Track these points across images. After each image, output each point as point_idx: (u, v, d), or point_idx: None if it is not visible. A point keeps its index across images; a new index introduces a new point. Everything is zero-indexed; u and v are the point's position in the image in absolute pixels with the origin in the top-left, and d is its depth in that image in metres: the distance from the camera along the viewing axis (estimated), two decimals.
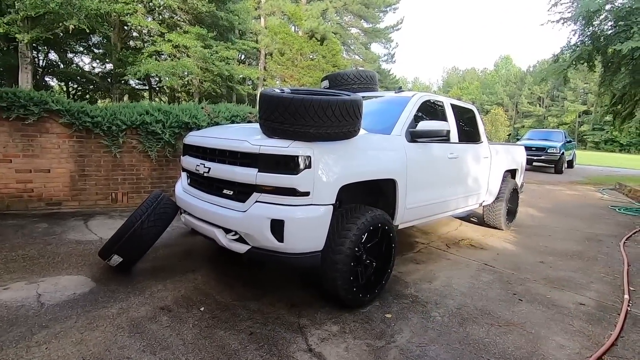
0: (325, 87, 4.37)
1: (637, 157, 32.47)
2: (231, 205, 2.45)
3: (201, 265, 3.29)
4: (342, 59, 22.16)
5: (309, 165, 2.25)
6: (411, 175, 3.03)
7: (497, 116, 40.45)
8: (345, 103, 2.26)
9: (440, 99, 3.90)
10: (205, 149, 2.74)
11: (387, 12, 26.94)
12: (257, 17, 24.40)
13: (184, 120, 5.09)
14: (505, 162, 4.95)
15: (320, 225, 2.32)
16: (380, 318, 2.52)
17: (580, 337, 2.39)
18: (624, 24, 8.25)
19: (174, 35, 15.20)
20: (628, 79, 8.20)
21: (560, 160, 13.25)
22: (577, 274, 3.52)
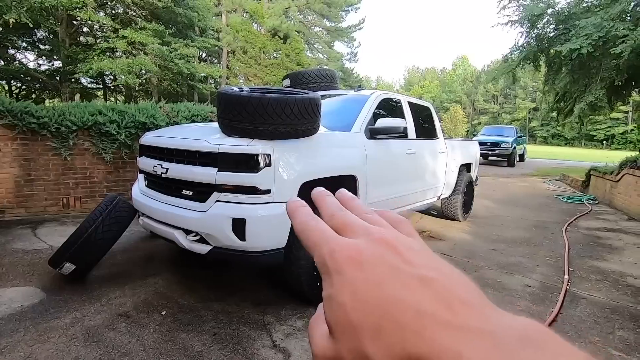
0: (286, 86, 4.38)
1: (580, 150, 35.34)
2: (191, 206, 2.41)
3: (162, 269, 3.20)
4: (306, 58, 22.19)
5: (269, 163, 2.27)
6: (371, 171, 3.13)
7: (456, 113, 42.35)
8: (303, 101, 2.30)
9: (398, 97, 4.05)
10: (163, 149, 2.67)
11: (349, 12, 27.30)
12: (218, 14, 23.82)
13: (141, 120, 4.89)
14: (461, 157, 5.22)
15: (282, 222, 2.34)
16: None
17: (525, 315, 2.58)
18: (563, 27, 8.94)
19: (128, 32, 14.50)
20: (568, 78, 8.91)
21: (512, 154, 14.14)
22: (525, 258, 3.80)
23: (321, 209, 0.29)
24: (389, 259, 0.23)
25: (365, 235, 0.25)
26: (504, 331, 0.19)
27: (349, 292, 0.22)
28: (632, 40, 6.87)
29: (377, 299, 0.21)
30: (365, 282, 0.22)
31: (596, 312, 2.68)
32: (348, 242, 0.24)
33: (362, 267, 0.22)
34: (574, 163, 16.65)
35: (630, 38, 6.94)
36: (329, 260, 0.23)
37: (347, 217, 0.27)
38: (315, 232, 0.26)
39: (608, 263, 3.74)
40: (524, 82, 49.72)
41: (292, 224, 0.28)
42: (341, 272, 0.22)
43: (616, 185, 6.66)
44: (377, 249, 0.23)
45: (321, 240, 0.25)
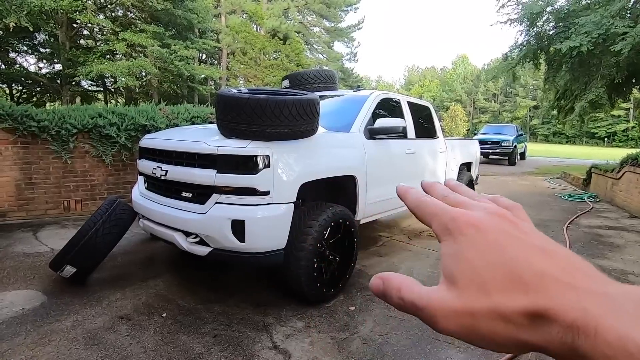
0: (285, 87, 4.39)
1: (581, 148, 35.25)
2: (190, 208, 2.42)
3: (163, 271, 3.21)
4: (305, 58, 22.20)
5: (268, 164, 2.27)
6: (370, 171, 3.13)
7: (456, 112, 42.32)
8: (301, 102, 2.30)
9: (397, 97, 4.05)
10: (162, 152, 2.68)
11: (348, 12, 27.30)
12: (217, 15, 23.84)
13: (140, 122, 4.90)
14: (461, 156, 5.22)
15: (282, 223, 2.35)
16: (344, 311, 2.59)
17: None
18: (563, 24, 8.91)
19: (128, 34, 14.54)
20: (568, 76, 8.89)
21: (513, 152, 14.11)
22: None
23: (433, 192, 0.32)
24: (509, 229, 0.25)
25: (482, 209, 0.27)
26: (623, 295, 0.21)
27: (475, 250, 0.24)
28: (631, 38, 6.85)
29: (503, 258, 0.23)
30: (489, 245, 0.24)
31: None
32: (467, 212, 0.27)
33: (484, 232, 0.25)
34: (575, 161, 16.61)
35: (630, 35, 6.92)
36: (451, 224, 0.26)
37: (460, 197, 0.30)
38: (432, 205, 0.28)
39: (609, 261, 3.73)
40: (525, 81, 49.62)
41: (405, 203, 0.30)
42: (465, 234, 0.25)
43: (617, 182, 6.64)
44: (496, 220, 0.26)
45: (440, 210, 0.27)
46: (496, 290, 0.23)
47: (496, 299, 0.23)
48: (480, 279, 0.24)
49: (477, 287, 0.23)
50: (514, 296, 0.22)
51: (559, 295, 0.21)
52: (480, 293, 0.23)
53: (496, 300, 0.23)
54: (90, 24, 15.01)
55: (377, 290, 0.28)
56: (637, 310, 0.20)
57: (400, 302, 0.27)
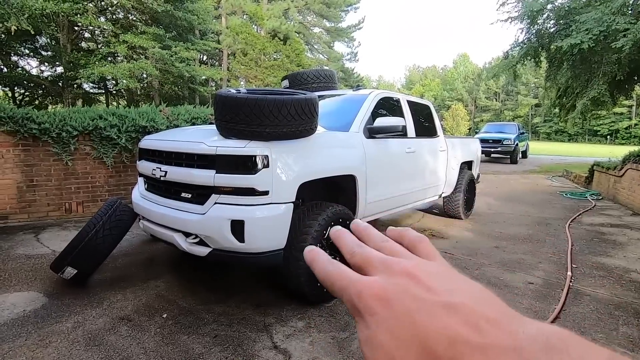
0: (285, 87, 4.39)
1: (584, 146, 35.10)
2: (190, 208, 2.42)
3: (164, 271, 3.21)
4: (306, 58, 22.20)
5: (267, 164, 2.27)
6: (370, 170, 3.12)
7: (458, 111, 42.18)
8: (299, 102, 2.30)
9: (397, 96, 4.04)
10: (162, 153, 2.68)
11: (348, 12, 27.29)
12: (217, 16, 23.88)
13: (141, 124, 4.91)
14: (462, 155, 5.20)
15: (281, 223, 2.34)
16: (344, 310, 2.58)
17: (529, 313, 2.57)
18: (564, 22, 8.88)
19: (129, 36, 14.57)
20: (569, 74, 8.85)
21: (514, 151, 14.06)
22: (527, 255, 3.77)
23: (341, 248, 0.30)
24: (413, 291, 0.24)
25: (386, 269, 0.26)
26: (529, 345, 0.20)
27: (385, 332, 0.22)
28: (633, 34, 6.82)
29: (411, 333, 0.22)
30: (397, 319, 0.23)
31: (599, 308, 2.66)
32: (371, 280, 0.25)
33: (390, 304, 0.23)
34: (578, 159, 16.54)
35: (631, 32, 6.88)
36: (358, 302, 0.24)
37: (366, 253, 0.28)
38: (337, 277, 0.27)
39: (612, 259, 3.70)
40: (526, 79, 49.44)
41: (314, 272, 0.29)
42: (373, 313, 0.23)
43: (620, 180, 6.61)
44: (400, 282, 0.24)
45: (346, 284, 0.26)
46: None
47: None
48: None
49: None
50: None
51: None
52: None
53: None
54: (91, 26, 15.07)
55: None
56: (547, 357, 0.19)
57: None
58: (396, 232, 0.32)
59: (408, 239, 0.30)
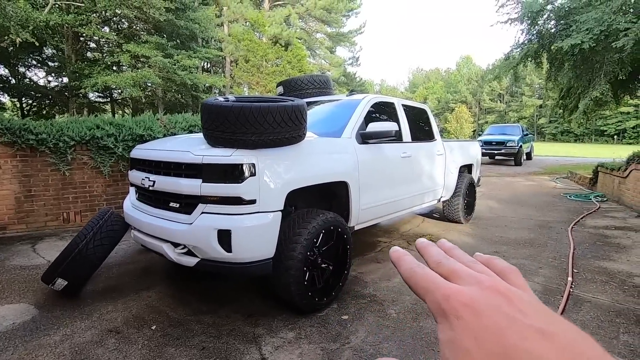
0: (280, 93, 4.38)
1: (590, 146, 34.68)
2: (177, 218, 2.40)
3: (157, 282, 3.19)
4: (308, 64, 22.27)
5: (254, 172, 2.24)
6: (363, 176, 3.08)
7: (462, 113, 41.99)
8: (285, 109, 2.27)
9: (391, 100, 4.00)
10: (151, 162, 2.67)
11: (349, 17, 27.38)
12: (220, 24, 24.10)
13: (138, 133, 4.93)
14: (461, 158, 5.14)
15: (269, 232, 2.31)
16: (336, 320, 2.54)
17: None
18: (564, 22, 8.79)
19: (132, 46, 14.75)
20: (571, 74, 8.75)
21: (518, 152, 13.92)
22: (528, 260, 3.69)
23: (426, 257, 0.30)
24: (505, 309, 0.24)
25: (476, 283, 0.26)
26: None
27: (472, 338, 0.23)
28: (634, 33, 6.72)
29: (501, 347, 0.22)
30: (486, 331, 0.23)
31: (600, 315, 2.58)
32: (460, 288, 0.25)
33: (479, 314, 0.23)
34: (583, 160, 16.31)
35: (632, 31, 6.79)
36: (444, 304, 0.25)
37: (454, 265, 0.28)
38: (424, 279, 0.27)
39: (615, 263, 3.61)
40: (530, 80, 49.14)
41: (398, 271, 0.29)
42: (460, 317, 0.23)
43: (624, 181, 6.48)
44: (491, 297, 0.24)
45: (432, 285, 0.26)
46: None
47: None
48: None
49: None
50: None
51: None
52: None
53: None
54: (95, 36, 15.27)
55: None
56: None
57: None
58: (484, 258, 0.31)
59: (498, 268, 0.29)
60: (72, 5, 13.84)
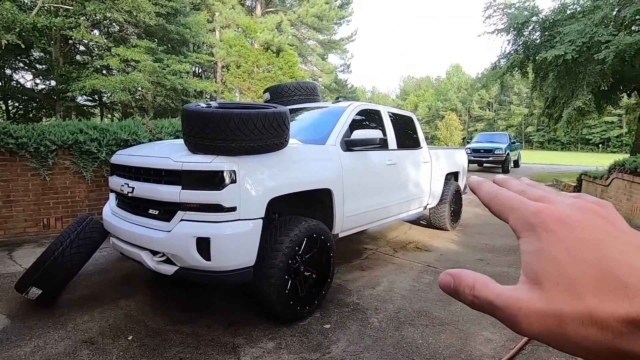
0: (267, 100, 4.38)
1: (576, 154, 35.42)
2: (156, 225, 2.35)
3: (137, 290, 3.12)
4: (299, 70, 22.37)
5: (234, 179, 2.21)
6: (348, 183, 3.08)
7: (452, 121, 42.54)
8: (267, 116, 2.26)
9: (377, 108, 4.02)
10: (131, 168, 2.62)
11: (341, 24, 27.64)
12: (212, 30, 24.09)
13: (122, 137, 4.86)
14: (447, 166, 5.18)
15: (250, 240, 2.28)
16: (318, 329, 2.51)
17: (506, 329, 2.51)
18: (548, 34, 9.03)
19: (121, 49, 14.62)
20: (555, 84, 8.97)
21: (506, 160, 14.11)
22: (511, 268, 3.72)
23: (508, 187, 0.30)
24: (602, 226, 0.23)
25: (568, 204, 0.25)
26: None
27: (562, 249, 0.22)
28: (615, 46, 6.92)
29: (596, 257, 0.21)
30: (579, 242, 0.22)
31: None
32: (551, 206, 0.25)
33: (573, 228, 0.23)
34: (569, 168, 16.62)
35: (613, 43, 6.99)
36: (533, 218, 0.24)
37: (540, 191, 0.28)
38: (509, 198, 0.27)
39: None
40: (518, 89, 50.15)
41: (478, 196, 0.29)
42: (550, 230, 0.23)
43: (606, 189, 6.61)
44: (586, 215, 0.24)
45: (519, 203, 0.26)
46: (589, 292, 0.21)
47: (590, 302, 0.21)
48: (569, 278, 0.22)
49: (566, 288, 0.22)
50: (612, 300, 0.20)
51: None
52: (570, 295, 0.22)
53: (590, 304, 0.21)
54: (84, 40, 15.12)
55: (446, 287, 0.27)
56: None
57: (474, 300, 0.26)
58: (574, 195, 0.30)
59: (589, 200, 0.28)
60: (60, 8, 13.71)
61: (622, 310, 0.20)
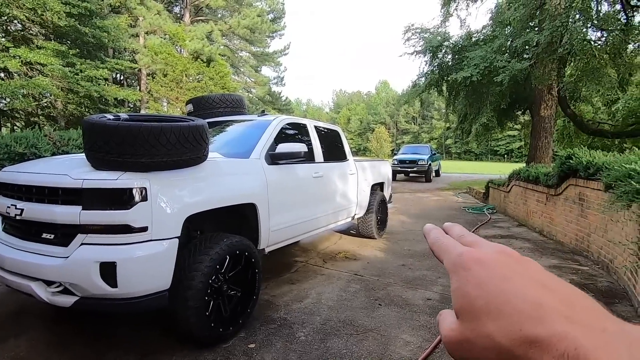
0: (189, 111, 4.19)
1: (487, 164, 39.91)
2: (51, 252, 2.08)
3: (31, 326, 2.71)
4: (232, 81, 21.94)
5: (145, 197, 2.06)
6: (273, 197, 3.06)
7: (381, 134, 45.21)
8: (182, 129, 2.16)
9: (304, 122, 4.10)
10: (20, 187, 2.29)
11: (274, 38, 27.89)
12: (135, 35, 22.54)
13: (17, 151, 4.23)
14: (372, 177, 5.45)
15: (163, 261, 2.13)
16: (243, 350, 2.41)
17: (423, 331, 2.68)
18: (458, 57, 10.14)
19: (22, 51, 12.93)
20: (465, 102, 10.10)
21: (428, 170, 15.36)
22: (430, 271, 4.01)
23: (451, 232, 0.35)
24: (513, 265, 0.27)
25: (490, 247, 0.30)
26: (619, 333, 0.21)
27: (474, 284, 0.27)
28: (509, 70, 8.02)
29: (500, 290, 0.25)
30: (489, 277, 0.26)
31: None
32: (474, 250, 0.30)
33: (487, 266, 0.27)
34: (481, 176, 18.62)
35: (507, 68, 8.09)
36: (457, 260, 0.29)
37: (475, 237, 0.33)
38: (447, 243, 0.32)
39: None
40: (438, 105, 55.21)
41: (427, 240, 0.35)
42: (467, 269, 0.28)
43: (508, 195, 7.53)
44: (500, 256, 0.28)
45: (452, 248, 0.31)
46: (490, 319, 0.25)
47: (490, 328, 0.24)
48: (475, 309, 0.26)
49: (474, 318, 0.26)
50: (507, 323, 0.24)
51: (553, 325, 0.22)
52: (476, 324, 0.25)
53: (490, 330, 0.24)
54: None
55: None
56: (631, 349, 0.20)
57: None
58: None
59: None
60: None
61: (514, 331, 0.23)
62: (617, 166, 3.45)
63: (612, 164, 3.64)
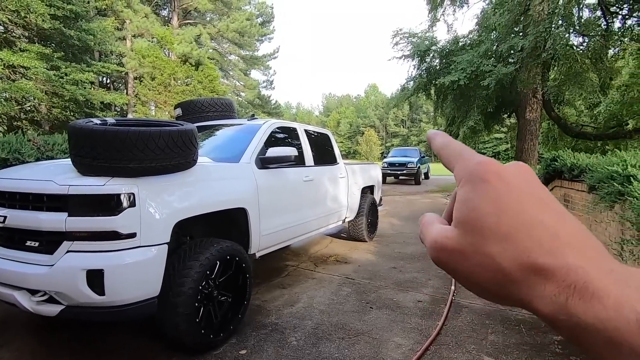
0: (178, 115, 4.16)
1: None
2: (35, 260, 2.03)
3: (16, 336, 2.63)
4: (221, 85, 21.82)
5: (133, 203, 2.03)
6: (263, 201, 3.04)
7: (371, 137, 45.47)
8: (170, 134, 2.14)
9: (294, 126, 4.10)
10: (3, 194, 2.23)
11: (263, 41, 27.86)
12: (122, 38, 22.27)
13: (0, 156, 4.14)
14: (362, 180, 5.47)
15: (152, 268, 2.10)
16: (233, 357, 2.39)
17: (415, 333, 2.70)
18: (445, 61, 10.30)
19: (5, 53, 12.64)
20: (452, 106, 10.26)
21: (417, 173, 15.48)
22: (420, 273, 4.03)
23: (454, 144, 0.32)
24: (533, 187, 0.26)
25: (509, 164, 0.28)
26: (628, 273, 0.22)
27: (489, 200, 0.25)
28: (495, 75, 8.18)
29: (516, 212, 0.24)
30: (508, 195, 0.25)
31: (474, 319, 2.91)
32: (495, 161, 0.27)
33: (507, 182, 0.25)
34: None
35: (493, 73, 8.25)
36: (475, 168, 0.27)
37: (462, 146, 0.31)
38: (460, 148, 0.30)
39: None
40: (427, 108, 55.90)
41: (431, 145, 0.33)
42: (485, 181, 0.26)
43: None
44: (522, 176, 0.27)
45: (468, 153, 0.29)
46: (495, 240, 0.24)
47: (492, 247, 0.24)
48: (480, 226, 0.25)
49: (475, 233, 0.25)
50: (515, 249, 0.23)
51: (565, 258, 0.22)
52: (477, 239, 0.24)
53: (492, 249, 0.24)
54: None
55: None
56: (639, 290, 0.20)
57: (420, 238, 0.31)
58: None
59: None
60: None
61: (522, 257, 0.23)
62: (600, 168, 3.54)
63: (595, 166, 3.74)
